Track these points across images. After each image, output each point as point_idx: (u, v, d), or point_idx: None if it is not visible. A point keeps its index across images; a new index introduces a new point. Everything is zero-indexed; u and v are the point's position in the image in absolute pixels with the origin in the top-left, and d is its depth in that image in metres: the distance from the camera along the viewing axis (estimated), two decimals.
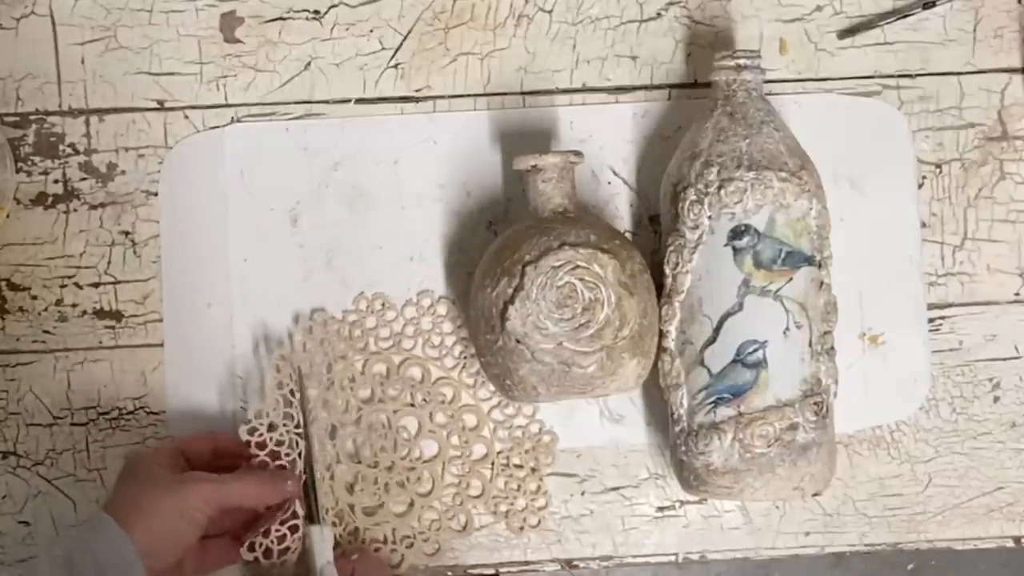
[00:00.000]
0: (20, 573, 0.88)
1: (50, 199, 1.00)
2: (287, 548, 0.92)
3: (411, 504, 0.98)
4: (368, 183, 1.00)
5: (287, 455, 0.92)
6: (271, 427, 0.93)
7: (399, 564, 0.97)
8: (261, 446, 0.92)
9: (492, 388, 0.97)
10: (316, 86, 1.01)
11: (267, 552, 0.92)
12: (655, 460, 1.00)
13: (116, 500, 0.88)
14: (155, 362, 0.99)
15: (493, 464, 0.98)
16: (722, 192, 0.91)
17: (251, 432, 0.92)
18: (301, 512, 0.92)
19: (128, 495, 0.88)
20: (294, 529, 0.92)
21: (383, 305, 0.99)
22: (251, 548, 0.92)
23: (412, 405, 0.98)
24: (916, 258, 1.00)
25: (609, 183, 1.01)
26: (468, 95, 1.01)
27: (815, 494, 0.95)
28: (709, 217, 0.92)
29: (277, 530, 0.92)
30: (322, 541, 0.91)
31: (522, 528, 0.98)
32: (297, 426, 0.93)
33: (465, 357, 0.99)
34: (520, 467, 0.98)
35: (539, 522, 0.98)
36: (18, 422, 0.99)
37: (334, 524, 0.95)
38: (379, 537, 0.97)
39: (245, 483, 0.90)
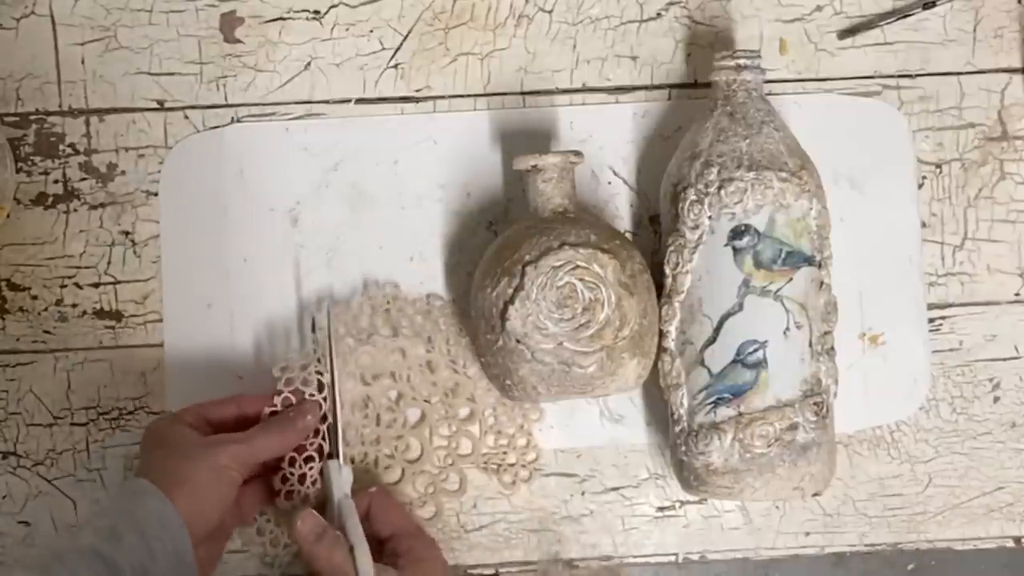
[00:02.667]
0: (63, 539, 0.89)
1: (50, 199, 1.00)
2: (313, 483, 0.93)
3: (402, 472, 0.98)
4: (368, 183, 1.00)
5: (311, 396, 0.94)
6: (303, 367, 0.94)
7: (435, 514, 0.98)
8: (288, 383, 0.94)
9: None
10: (316, 86, 1.01)
11: (293, 493, 0.93)
12: (655, 460, 1.00)
13: (151, 467, 0.88)
14: (155, 362, 0.99)
15: (480, 423, 0.98)
16: (722, 192, 0.91)
17: (282, 370, 0.94)
18: (325, 447, 0.94)
19: (163, 462, 0.88)
20: (313, 465, 0.94)
21: (397, 294, 0.99)
22: (288, 496, 0.93)
23: (393, 377, 0.98)
24: (916, 258, 1.00)
25: (609, 183, 1.01)
26: (468, 95, 1.01)
27: (815, 494, 0.95)
28: (709, 217, 0.92)
29: (300, 469, 0.93)
30: (340, 475, 0.92)
31: (514, 482, 0.98)
32: (319, 370, 0.94)
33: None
34: (507, 423, 0.98)
35: (530, 476, 0.98)
36: (18, 422, 0.99)
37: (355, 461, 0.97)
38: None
39: (269, 434, 0.91)
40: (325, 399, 0.94)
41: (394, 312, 0.98)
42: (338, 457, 0.94)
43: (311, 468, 0.94)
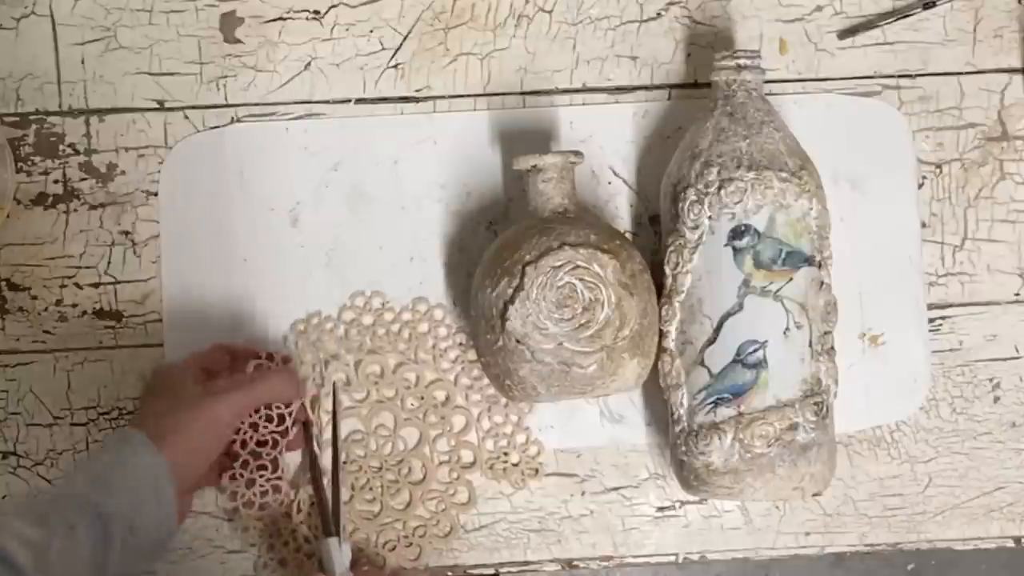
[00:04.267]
0: (58, 486, 0.91)
1: (50, 199, 1.00)
2: (266, 503, 0.94)
3: (410, 498, 0.98)
4: (368, 183, 1.00)
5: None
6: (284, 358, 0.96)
7: (417, 557, 0.98)
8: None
9: (453, 358, 0.99)
10: (316, 86, 1.01)
11: (248, 503, 0.94)
12: (655, 460, 1.00)
13: (148, 416, 0.90)
14: (155, 362, 0.99)
15: (476, 430, 0.98)
16: (722, 192, 0.91)
17: (268, 357, 0.96)
18: (287, 474, 0.95)
19: (160, 412, 0.90)
20: (276, 488, 0.94)
21: (382, 304, 0.99)
22: (232, 497, 0.94)
23: (381, 402, 0.98)
24: (916, 258, 1.00)
25: (609, 183, 1.01)
26: (468, 95, 1.01)
27: (815, 494, 0.95)
28: (709, 217, 0.92)
29: (262, 486, 0.94)
30: (339, 553, 0.93)
31: (523, 480, 0.98)
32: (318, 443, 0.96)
33: (463, 363, 0.99)
34: (503, 424, 0.98)
35: (537, 471, 0.98)
36: (18, 422, 0.99)
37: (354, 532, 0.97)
38: (391, 537, 0.98)
39: (269, 381, 0.93)
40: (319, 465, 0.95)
41: (378, 330, 0.98)
42: (337, 534, 0.94)
43: (275, 492, 0.94)
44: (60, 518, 0.82)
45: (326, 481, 0.95)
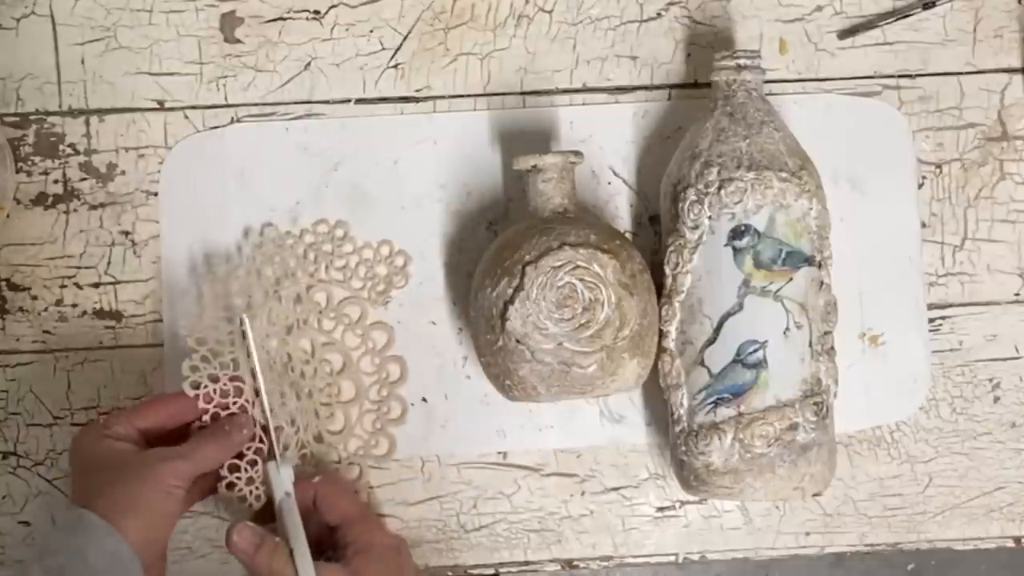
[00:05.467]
0: None
1: (50, 199, 1.00)
2: (258, 487, 0.93)
3: (344, 417, 0.98)
4: (368, 183, 1.00)
5: (234, 403, 0.92)
6: (213, 379, 0.92)
7: (359, 476, 0.98)
8: (207, 399, 0.92)
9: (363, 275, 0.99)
10: (316, 86, 1.01)
11: (242, 498, 0.92)
12: (655, 460, 1.00)
13: (93, 493, 0.85)
14: (155, 362, 0.99)
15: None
16: (722, 192, 0.91)
17: (195, 386, 0.92)
18: (264, 448, 0.93)
19: (106, 485, 0.85)
20: (256, 469, 0.93)
21: (344, 235, 0.99)
22: (241, 501, 0.93)
23: (307, 324, 0.98)
24: (916, 258, 1.00)
25: (609, 183, 1.01)
26: (468, 95, 1.01)
27: (815, 494, 0.95)
28: (709, 217, 0.92)
29: (247, 472, 0.92)
30: (278, 475, 0.92)
31: None
32: (236, 369, 0.93)
33: (371, 277, 0.99)
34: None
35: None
36: (18, 422, 0.99)
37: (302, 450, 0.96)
38: (333, 459, 0.98)
39: (206, 447, 0.89)
40: (249, 401, 0.93)
41: (285, 258, 0.98)
42: (275, 457, 0.93)
43: (256, 471, 0.93)
44: None
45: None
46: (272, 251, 0.98)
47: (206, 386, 0.92)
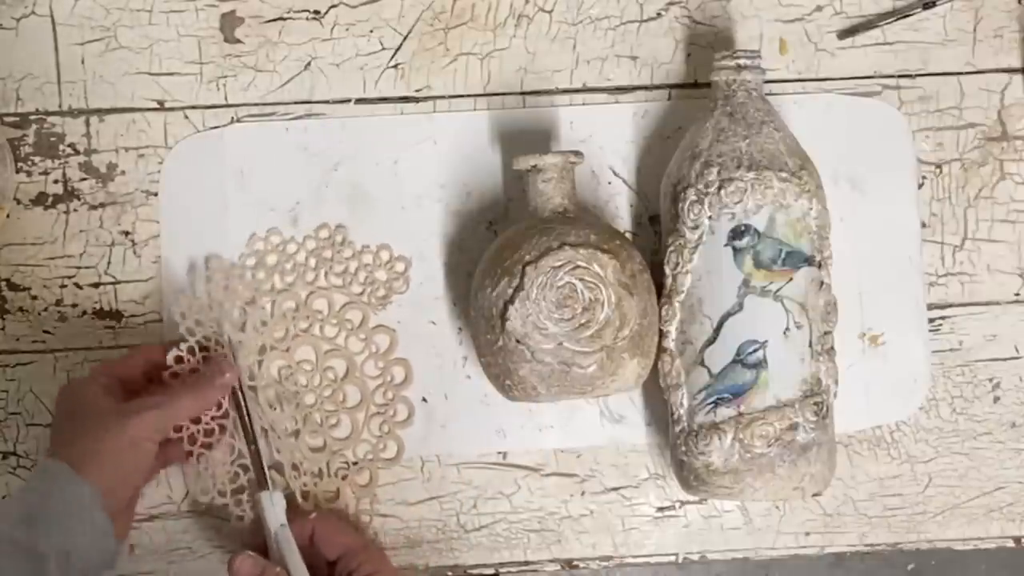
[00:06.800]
0: None
1: (50, 199, 1.00)
2: (210, 442, 0.94)
3: (351, 423, 0.98)
4: (368, 183, 1.00)
5: (217, 349, 0.95)
6: (193, 351, 0.95)
7: (370, 482, 0.98)
8: (190, 351, 0.94)
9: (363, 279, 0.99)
10: (316, 86, 1.01)
11: (198, 444, 0.94)
12: (655, 460, 1.00)
13: (64, 442, 0.88)
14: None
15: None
16: (722, 192, 0.91)
17: (178, 361, 0.94)
18: (231, 408, 0.94)
19: (77, 436, 0.87)
20: (223, 427, 0.94)
21: (281, 240, 0.99)
22: (199, 459, 0.94)
23: (308, 332, 0.98)
24: (916, 258, 1.00)
25: (609, 183, 1.01)
26: (468, 95, 1.01)
27: (815, 494, 0.95)
28: (709, 217, 0.92)
29: (207, 424, 0.93)
30: (272, 506, 0.92)
31: None
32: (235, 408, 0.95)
33: (371, 282, 0.99)
34: None
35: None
36: (18, 422, 0.99)
37: (294, 473, 0.96)
38: (342, 465, 0.98)
39: (183, 397, 0.91)
40: (236, 427, 0.95)
41: (285, 266, 0.99)
42: (267, 486, 0.93)
43: (221, 431, 0.94)
44: None
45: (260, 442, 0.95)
46: (272, 259, 0.98)
47: (188, 342, 0.94)
